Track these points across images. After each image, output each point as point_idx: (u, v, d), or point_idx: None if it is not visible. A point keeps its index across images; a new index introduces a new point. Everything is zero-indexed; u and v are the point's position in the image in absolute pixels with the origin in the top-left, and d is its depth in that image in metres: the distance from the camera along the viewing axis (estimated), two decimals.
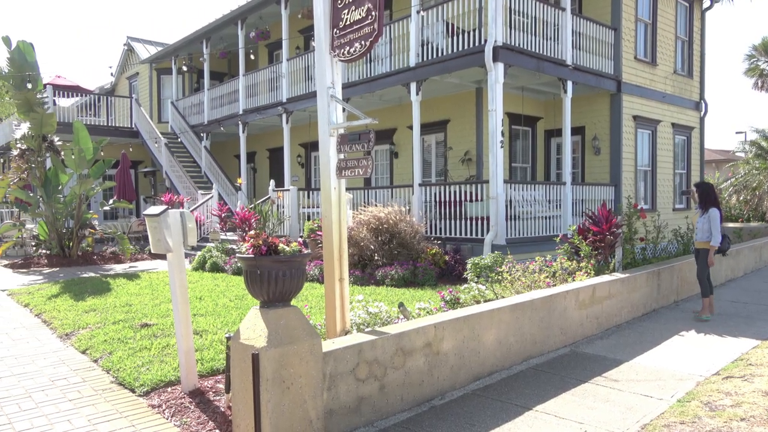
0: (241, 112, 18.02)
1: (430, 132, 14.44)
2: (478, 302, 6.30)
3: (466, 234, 10.85)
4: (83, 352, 5.93)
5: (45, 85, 16.96)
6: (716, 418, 4.26)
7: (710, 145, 39.51)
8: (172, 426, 4.15)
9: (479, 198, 10.89)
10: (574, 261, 7.65)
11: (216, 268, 11.97)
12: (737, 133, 35.00)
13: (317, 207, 13.85)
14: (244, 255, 3.81)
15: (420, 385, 4.65)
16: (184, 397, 4.59)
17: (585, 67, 12.37)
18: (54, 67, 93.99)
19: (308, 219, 13.54)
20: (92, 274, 11.63)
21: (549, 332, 6.13)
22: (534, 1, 11.19)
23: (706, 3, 16.24)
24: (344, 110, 5.64)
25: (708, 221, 7.77)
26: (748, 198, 22.03)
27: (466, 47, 11.13)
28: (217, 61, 21.65)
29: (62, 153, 13.95)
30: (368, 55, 12.87)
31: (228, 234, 14.79)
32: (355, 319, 5.31)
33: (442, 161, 14.46)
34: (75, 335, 6.53)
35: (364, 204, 12.22)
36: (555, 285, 6.90)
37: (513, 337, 5.63)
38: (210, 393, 4.66)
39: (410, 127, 12.82)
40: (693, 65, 16.10)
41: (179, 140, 21.48)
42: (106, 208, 15.32)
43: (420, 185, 11.86)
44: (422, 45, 11.96)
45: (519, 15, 10.96)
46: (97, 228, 15.43)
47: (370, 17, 4.72)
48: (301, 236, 12.76)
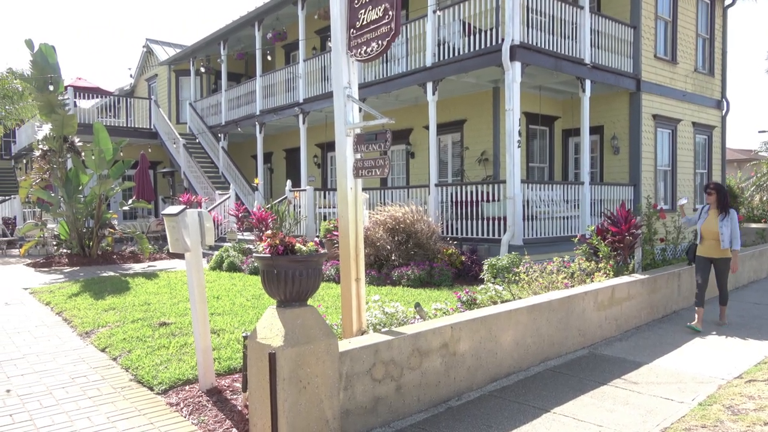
0: (258, 113, 18.13)
1: (447, 132, 14.39)
2: (495, 303, 6.25)
3: (483, 234, 10.80)
4: (102, 350, 6.01)
5: (66, 87, 17.26)
6: (739, 422, 4.18)
7: (732, 145, 38.80)
8: (190, 424, 4.18)
9: (496, 198, 10.82)
10: (593, 262, 7.56)
11: (233, 268, 12.04)
12: (760, 132, 34.25)
13: (333, 207, 13.88)
14: (261, 254, 3.81)
15: (436, 386, 4.62)
16: (202, 396, 4.62)
17: (604, 66, 12.24)
18: (75, 69, 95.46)
19: (324, 219, 13.56)
20: (111, 273, 11.77)
21: (567, 333, 6.06)
22: (552, 0, 11.11)
23: (728, 0, 15.99)
24: (361, 110, 5.64)
25: (730, 224, 7.25)
26: None
27: (483, 46, 11.07)
28: (235, 63, 21.81)
29: (83, 154, 14.17)
30: (384, 56, 12.89)
31: (245, 234, 14.88)
32: (372, 319, 5.30)
33: (459, 161, 14.40)
34: (94, 333, 6.62)
35: (381, 204, 12.21)
36: (573, 286, 6.83)
37: (530, 339, 5.58)
38: (227, 392, 4.69)
39: (426, 127, 12.79)
40: (714, 63, 15.84)
41: (197, 141, 21.69)
42: (126, 208, 15.50)
43: (436, 185, 11.84)
44: (438, 45, 11.93)
45: (536, 14, 10.87)
46: (117, 228, 15.62)
47: (387, 16, 4.72)
48: (318, 236, 12.80)
